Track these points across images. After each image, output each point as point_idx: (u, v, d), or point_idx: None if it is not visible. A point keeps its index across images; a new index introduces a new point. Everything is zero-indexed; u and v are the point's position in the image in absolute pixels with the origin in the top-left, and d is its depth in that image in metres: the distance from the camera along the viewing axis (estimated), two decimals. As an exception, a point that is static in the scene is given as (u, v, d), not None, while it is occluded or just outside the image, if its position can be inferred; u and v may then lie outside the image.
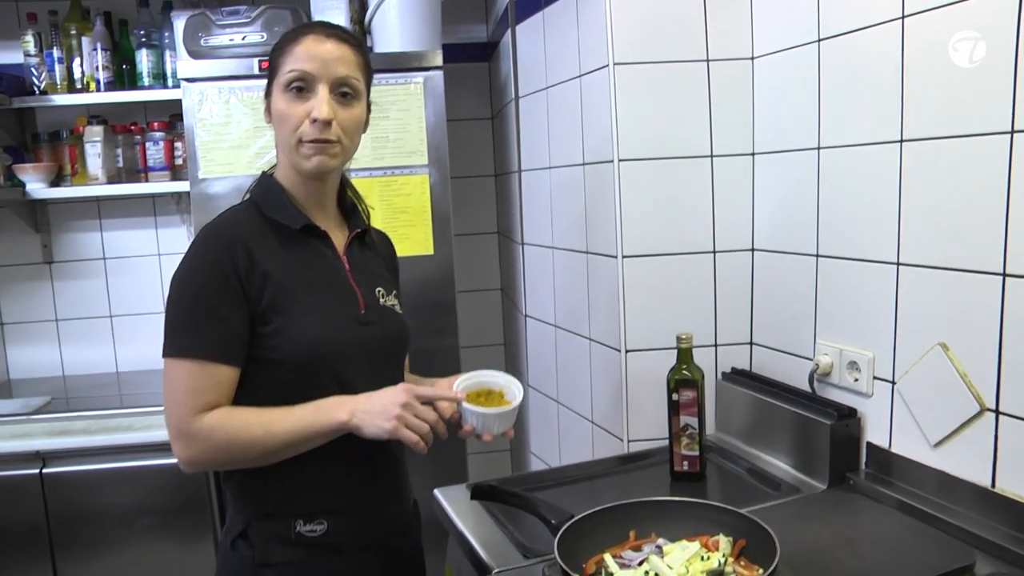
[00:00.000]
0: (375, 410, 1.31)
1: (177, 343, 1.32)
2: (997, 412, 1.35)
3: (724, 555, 1.22)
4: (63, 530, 2.43)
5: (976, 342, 1.38)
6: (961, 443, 1.43)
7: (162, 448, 2.41)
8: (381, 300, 1.50)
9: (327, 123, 1.37)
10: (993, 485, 1.37)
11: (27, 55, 2.81)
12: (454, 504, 1.66)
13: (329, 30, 1.41)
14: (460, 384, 1.43)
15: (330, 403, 1.34)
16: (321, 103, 1.36)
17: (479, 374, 1.47)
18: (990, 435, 1.37)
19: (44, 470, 2.41)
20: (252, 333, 1.35)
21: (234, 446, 1.31)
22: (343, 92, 1.40)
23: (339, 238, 1.50)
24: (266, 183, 1.47)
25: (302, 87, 1.37)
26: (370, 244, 1.57)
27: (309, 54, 1.37)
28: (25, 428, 2.49)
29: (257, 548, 1.38)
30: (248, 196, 1.49)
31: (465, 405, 1.38)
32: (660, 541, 1.29)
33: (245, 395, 1.35)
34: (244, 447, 1.31)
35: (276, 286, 1.35)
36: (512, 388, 1.44)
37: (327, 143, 1.38)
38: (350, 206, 1.56)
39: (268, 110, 1.44)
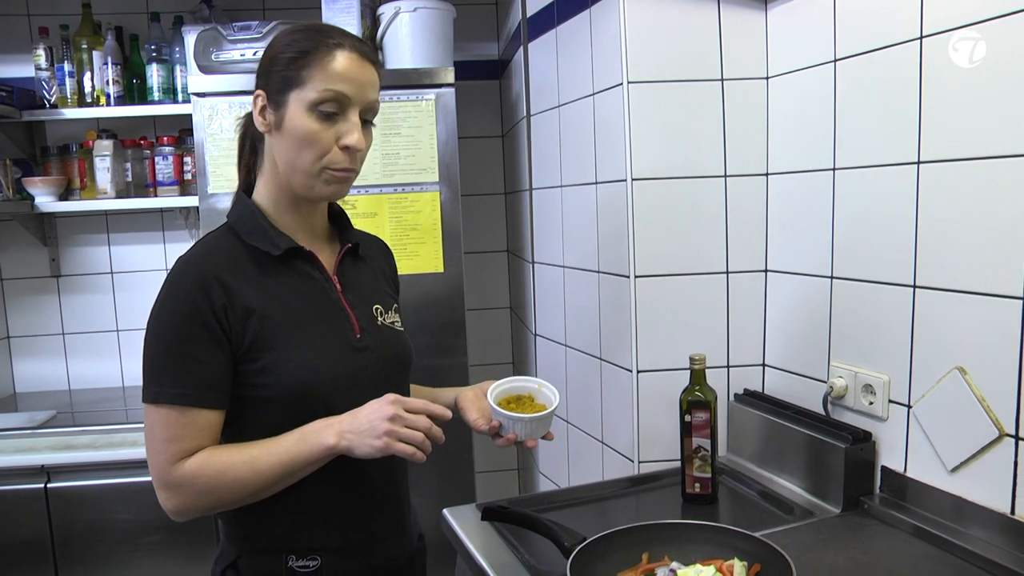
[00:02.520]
0: (362, 428, 1.22)
1: (154, 389, 1.23)
2: (1017, 438, 1.33)
3: (740, 580, 1.20)
4: (67, 545, 2.42)
5: (994, 367, 1.36)
6: (979, 469, 1.41)
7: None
8: (379, 320, 1.42)
9: (357, 151, 1.30)
10: (1012, 512, 1.34)
11: (38, 69, 2.82)
12: (464, 524, 1.63)
13: (361, 47, 1.30)
14: (492, 392, 1.38)
15: (314, 428, 1.25)
16: (355, 130, 1.28)
17: (506, 382, 1.42)
18: (1009, 461, 1.34)
19: (49, 484, 2.41)
20: (238, 371, 1.27)
21: (219, 489, 1.24)
22: (365, 118, 1.32)
23: (328, 256, 1.41)
24: (242, 206, 1.36)
25: (335, 112, 1.27)
26: (364, 256, 1.48)
27: (347, 75, 1.27)
28: (30, 442, 2.48)
29: None
30: (226, 221, 1.39)
31: (506, 413, 1.33)
32: (674, 565, 1.27)
33: (235, 436, 1.29)
34: (230, 489, 1.24)
35: (260, 320, 1.27)
36: (544, 391, 1.41)
37: (350, 171, 1.31)
38: (338, 214, 1.47)
39: (268, 116, 1.30)
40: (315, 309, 1.34)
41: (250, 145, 1.40)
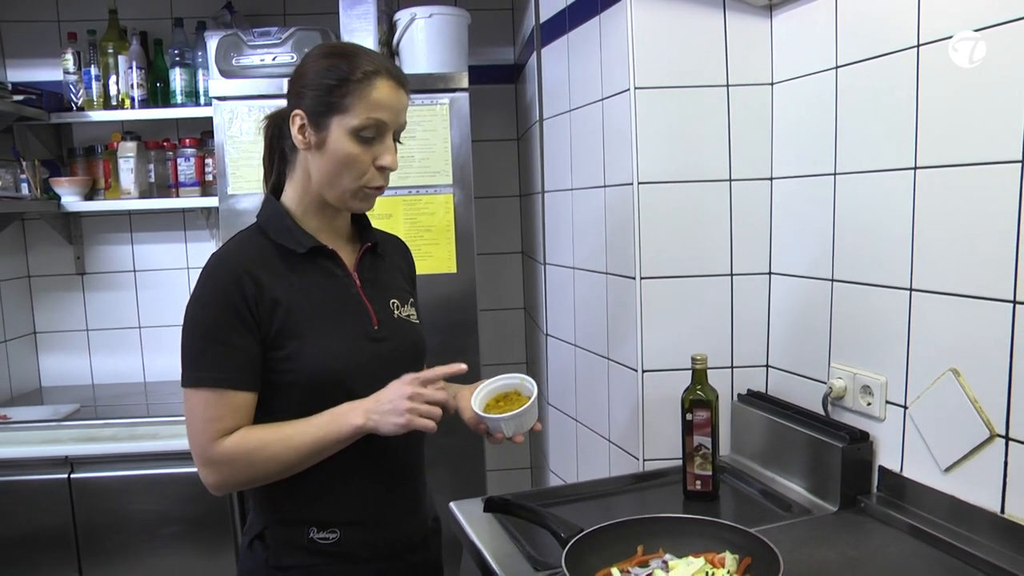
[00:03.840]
0: (385, 408, 1.33)
1: (194, 374, 1.35)
2: (1007, 438, 1.36)
3: (729, 572, 1.24)
4: (89, 533, 2.49)
5: (987, 368, 1.39)
6: (971, 468, 1.44)
7: (186, 456, 2.43)
8: (396, 313, 1.52)
9: (392, 171, 1.43)
10: (1003, 511, 1.37)
11: (66, 72, 2.90)
12: (469, 517, 1.69)
13: (398, 75, 1.42)
14: (476, 396, 1.46)
15: (343, 409, 1.36)
16: (390, 152, 1.41)
17: (492, 381, 1.51)
18: (1000, 461, 1.37)
19: (72, 475, 2.48)
20: (265, 358, 1.38)
21: (256, 464, 1.35)
22: (395, 137, 1.43)
23: (349, 254, 1.51)
24: (272, 208, 1.47)
25: (373, 136, 1.38)
26: (382, 254, 1.58)
27: (386, 103, 1.38)
28: (55, 434, 2.56)
29: (272, 550, 1.43)
30: (255, 221, 1.50)
31: (488, 416, 1.41)
32: (667, 557, 1.31)
33: (263, 417, 1.39)
34: (265, 464, 1.35)
35: (286, 312, 1.38)
36: (526, 384, 1.48)
37: (381, 188, 1.44)
38: (359, 216, 1.57)
39: (307, 136, 1.39)
40: (336, 302, 1.44)
41: (279, 152, 1.49)
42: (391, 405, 1.33)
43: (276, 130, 1.49)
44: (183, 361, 1.37)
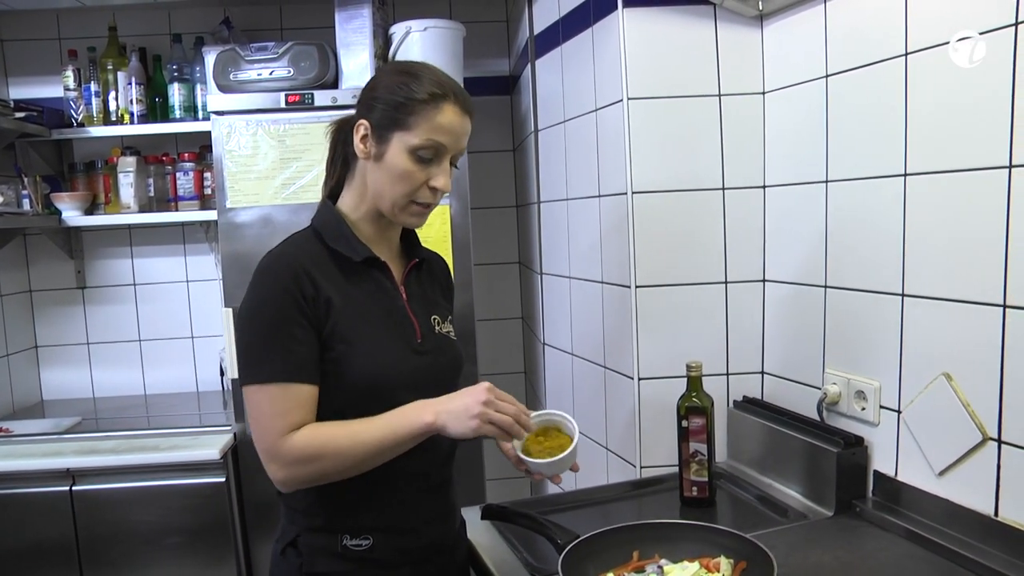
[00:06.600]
0: (458, 410, 1.34)
1: (258, 370, 1.35)
2: (999, 441, 1.37)
3: (724, 576, 1.25)
4: (91, 546, 2.50)
5: (978, 372, 1.41)
6: (964, 472, 1.45)
7: (186, 468, 2.49)
8: (437, 328, 1.54)
9: (444, 193, 1.45)
10: (996, 514, 1.39)
11: (67, 89, 2.93)
12: (469, 525, 1.69)
13: (465, 101, 1.44)
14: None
15: (412, 408, 1.37)
16: (444, 175, 1.43)
17: (534, 416, 1.48)
18: (992, 464, 1.39)
19: (74, 487, 2.49)
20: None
21: (325, 459, 1.34)
22: (452, 161, 1.46)
23: (398, 268, 1.54)
24: (328, 213, 1.49)
25: (431, 157, 1.41)
26: (427, 271, 1.61)
27: (449, 128, 1.41)
28: (56, 447, 2.58)
29: (305, 557, 1.44)
30: (310, 225, 1.52)
31: (530, 461, 1.43)
32: (662, 562, 1.32)
33: None
34: (335, 459, 1.35)
35: (338, 314, 1.39)
36: (567, 424, 1.49)
37: (431, 205, 1.46)
38: (409, 232, 1.60)
39: (368, 146, 1.43)
40: (384, 313, 1.47)
41: (342, 159, 1.52)
42: (464, 407, 1.34)
43: (342, 135, 1.51)
44: (244, 360, 1.37)
